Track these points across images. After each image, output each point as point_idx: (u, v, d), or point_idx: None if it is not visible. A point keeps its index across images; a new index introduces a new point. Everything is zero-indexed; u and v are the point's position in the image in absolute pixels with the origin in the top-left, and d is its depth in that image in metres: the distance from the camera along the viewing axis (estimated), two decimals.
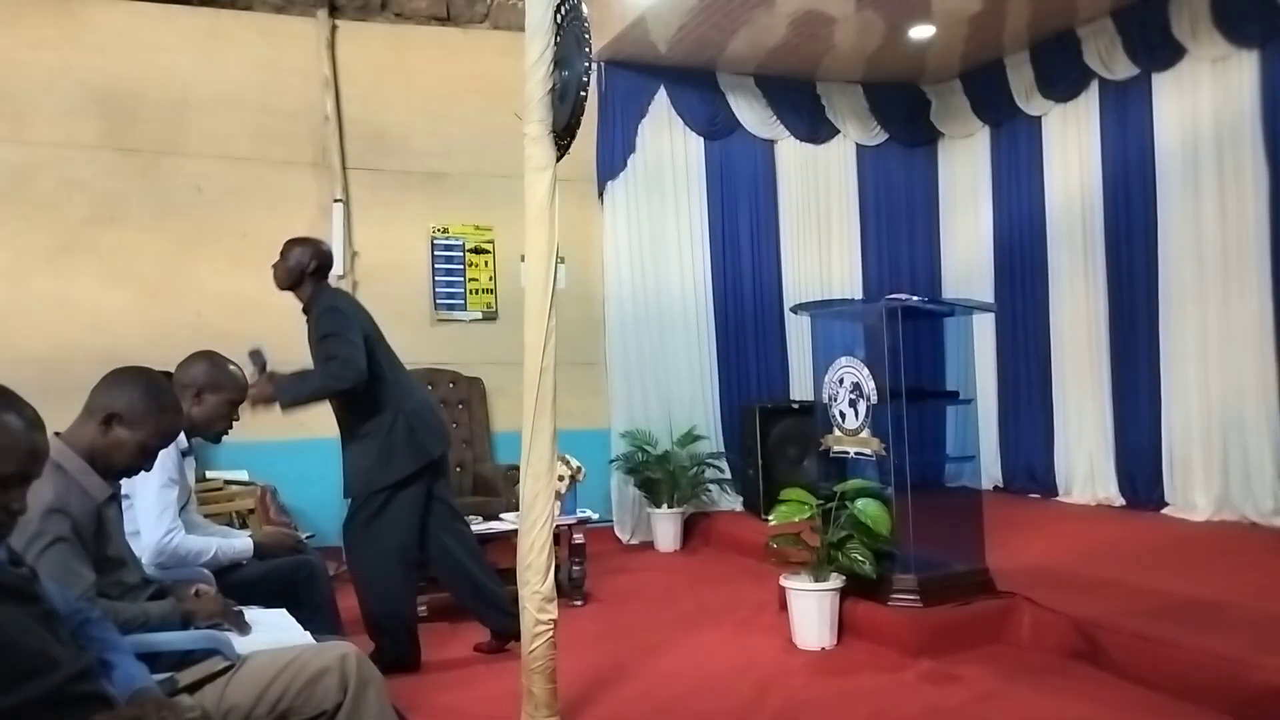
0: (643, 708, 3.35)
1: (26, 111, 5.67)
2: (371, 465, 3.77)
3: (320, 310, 3.78)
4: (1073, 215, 6.47)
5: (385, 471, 3.76)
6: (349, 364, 3.66)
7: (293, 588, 3.01)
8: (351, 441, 3.83)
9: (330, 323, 3.74)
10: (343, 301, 3.93)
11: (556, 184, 3.09)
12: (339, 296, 3.98)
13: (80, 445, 2.12)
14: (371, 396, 3.76)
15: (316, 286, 3.85)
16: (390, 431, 3.77)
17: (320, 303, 3.81)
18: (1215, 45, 5.49)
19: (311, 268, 3.82)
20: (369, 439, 3.77)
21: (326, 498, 5.71)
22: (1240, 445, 5.41)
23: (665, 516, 6.34)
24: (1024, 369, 6.91)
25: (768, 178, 7.16)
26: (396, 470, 3.76)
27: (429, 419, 3.92)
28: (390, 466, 3.76)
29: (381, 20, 6.44)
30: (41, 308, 5.62)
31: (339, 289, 3.95)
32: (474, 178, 6.48)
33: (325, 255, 3.90)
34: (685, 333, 6.79)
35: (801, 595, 3.96)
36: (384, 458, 3.76)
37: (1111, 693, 3.28)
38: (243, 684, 1.90)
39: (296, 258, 3.81)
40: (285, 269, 3.83)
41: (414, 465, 3.78)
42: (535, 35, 3.05)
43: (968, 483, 4.80)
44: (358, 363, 3.67)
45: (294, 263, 3.81)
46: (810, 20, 6.00)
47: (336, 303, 3.86)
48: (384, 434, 3.77)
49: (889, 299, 4.07)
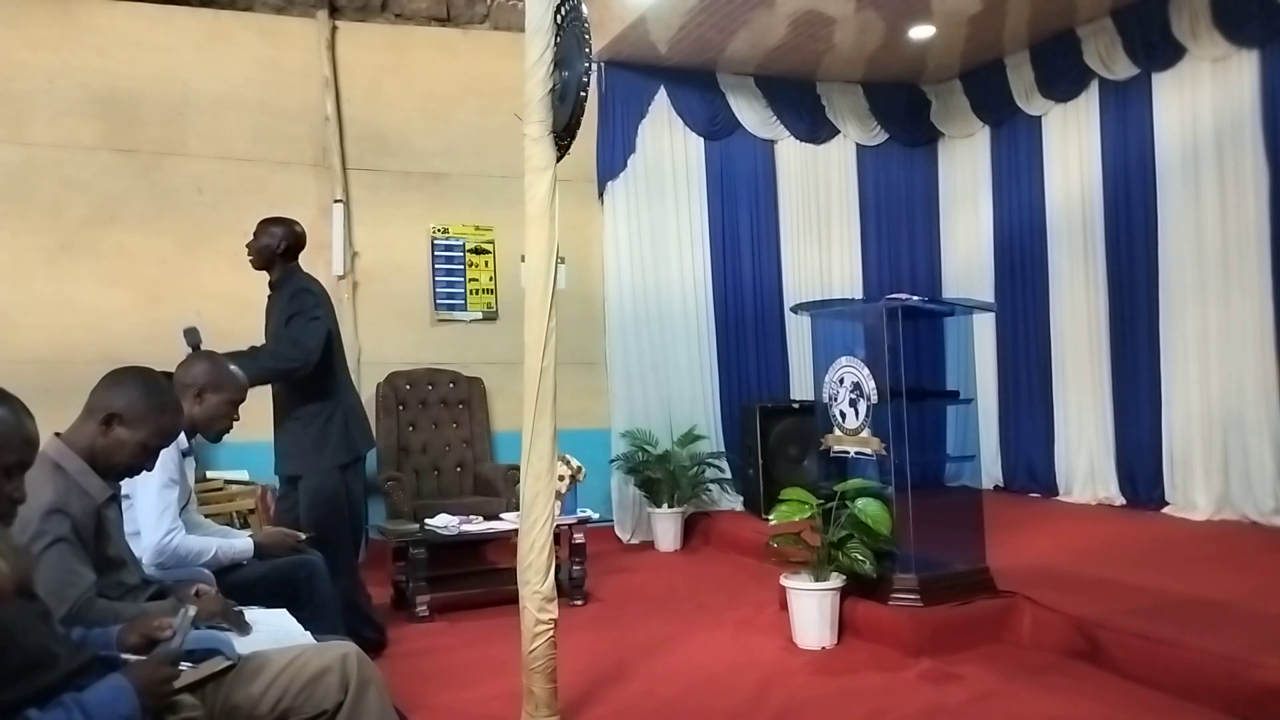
0: (643, 707, 3.35)
1: (27, 112, 5.67)
2: (306, 450, 3.89)
3: (294, 290, 3.89)
4: (1073, 215, 6.47)
5: (318, 458, 3.89)
6: (298, 345, 3.79)
7: (293, 588, 3.01)
8: (288, 422, 3.94)
9: (300, 303, 3.86)
10: (316, 287, 4.04)
11: (557, 184, 3.09)
12: (313, 281, 4.07)
13: (80, 445, 2.12)
14: (319, 384, 3.89)
15: (287, 267, 3.97)
16: (329, 421, 3.90)
17: (293, 283, 3.94)
18: (1215, 45, 5.49)
19: (282, 248, 3.94)
20: (307, 423, 3.90)
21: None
22: (1240, 444, 5.41)
23: (665, 516, 6.34)
24: (1024, 368, 6.91)
25: (768, 178, 7.16)
26: (329, 459, 3.89)
27: (362, 417, 4.11)
28: (323, 454, 3.89)
29: (381, 21, 6.45)
30: (41, 308, 5.62)
31: (311, 275, 4.06)
32: (474, 178, 6.48)
33: (298, 236, 4.02)
34: (685, 333, 6.79)
35: (802, 595, 3.96)
36: (318, 445, 3.89)
37: (1111, 692, 3.28)
38: (243, 684, 1.91)
39: (268, 238, 3.93)
40: (257, 248, 3.95)
41: (345, 457, 3.92)
42: (535, 36, 3.05)
43: (968, 482, 4.80)
44: (308, 344, 3.79)
45: (265, 243, 3.93)
46: (810, 20, 6.00)
47: (311, 286, 3.98)
48: (323, 421, 3.90)
49: (889, 299, 4.07)
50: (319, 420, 3.90)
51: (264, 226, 3.98)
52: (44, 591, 1.77)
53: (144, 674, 1.66)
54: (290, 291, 3.91)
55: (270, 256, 3.94)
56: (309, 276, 4.07)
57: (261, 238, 3.95)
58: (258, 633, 2.31)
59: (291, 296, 3.90)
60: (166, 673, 1.70)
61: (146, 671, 1.67)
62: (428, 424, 6.16)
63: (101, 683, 1.61)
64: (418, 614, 4.52)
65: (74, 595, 1.98)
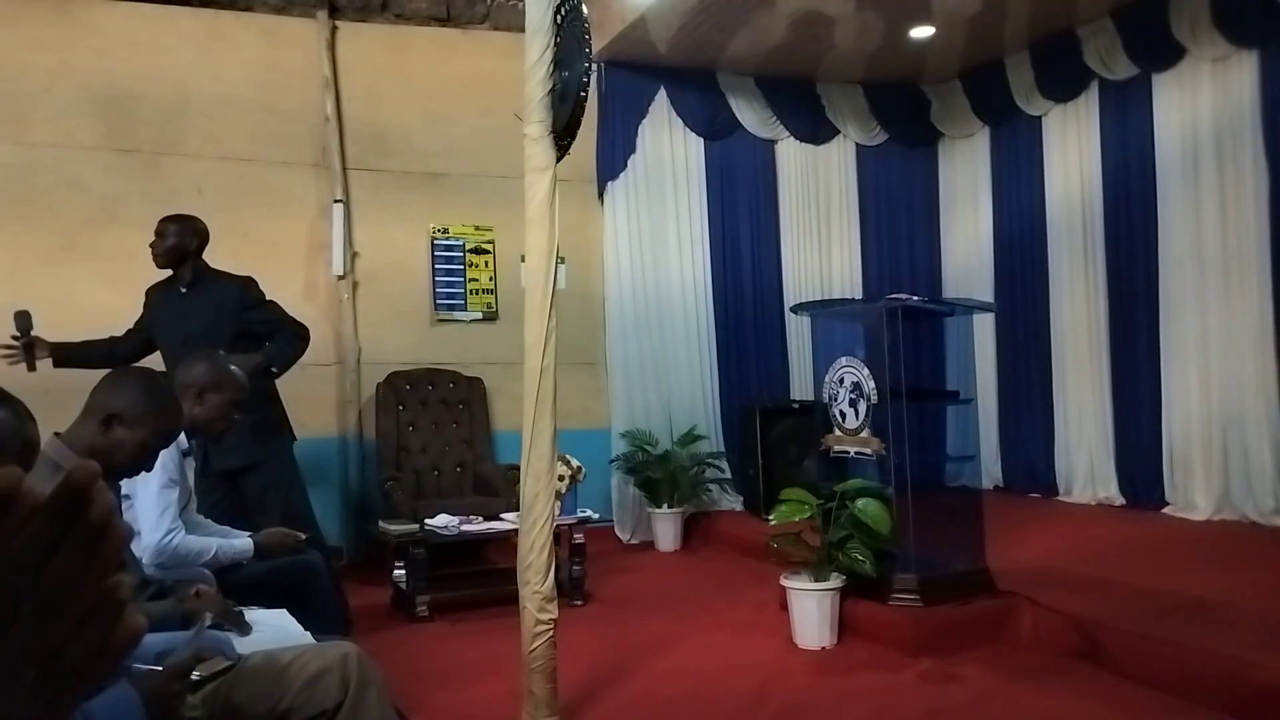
0: (643, 707, 3.35)
1: (27, 112, 5.67)
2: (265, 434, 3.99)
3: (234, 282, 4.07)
4: (1073, 215, 6.47)
5: (279, 439, 4.09)
6: (301, 327, 4.03)
7: (293, 588, 3.01)
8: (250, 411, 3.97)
9: (257, 292, 4.09)
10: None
11: (557, 184, 3.09)
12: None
13: (80, 446, 2.12)
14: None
15: (198, 263, 4.06)
16: (274, 402, 4.10)
17: (221, 277, 4.09)
18: (1215, 45, 5.49)
19: (195, 246, 4.04)
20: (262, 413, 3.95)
21: (326, 497, 5.72)
22: (1240, 444, 5.42)
23: (665, 516, 6.34)
24: (1024, 368, 6.91)
25: (768, 178, 7.16)
26: (287, 438, 4.14)
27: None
28: (282, 435, 4.12)
29: (381, 21, 6.44)
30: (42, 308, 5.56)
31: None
32: (474, 178, 6.48)
33: (206, 234, 4.13)
34: (685, 333, 6.79)
35: (802, 595, 3.96)
36: (276, 427, 4.09)
37: (1112, 692, 3.28)
38: (243, 684, 1.90)
39: (181, 237, 4.01)
40: (167, 248, 4.00)
41: (291, 440, 4.17)
42: (535, 36, 3.05)
43: (968, 482, 4.81)
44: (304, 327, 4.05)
45: (177, 242, 4.00)
46: (810, 20, 6.00)
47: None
48: (274, 404, 4.10)
49: (889, 299, 4.07)
50: (269, 404, 4.03)
51: (172, 225, 4.03)
52: None
53: (153, 687, 1.64)
54: (228, 284, 4.05)
55: (183, 255, 4.00)
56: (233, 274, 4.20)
57: (171, 238, 3.99)
58: (258, 633, 2.31)
59: (241, 290, 4.04)
60: (176, 687, 1.69)
61: (156, 684, 1.66)
62: (428, 424, 6.16)
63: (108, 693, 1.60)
64: (418, 614, 4.52)
65: None
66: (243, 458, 3.91)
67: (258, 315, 4.03)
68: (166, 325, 4.01)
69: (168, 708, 1.66)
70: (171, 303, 4.03)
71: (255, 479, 3.95)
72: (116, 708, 1.57)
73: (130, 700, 1.59)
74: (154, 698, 1.63)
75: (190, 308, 3.98)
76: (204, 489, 3.94)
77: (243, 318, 3.99)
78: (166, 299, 4.06)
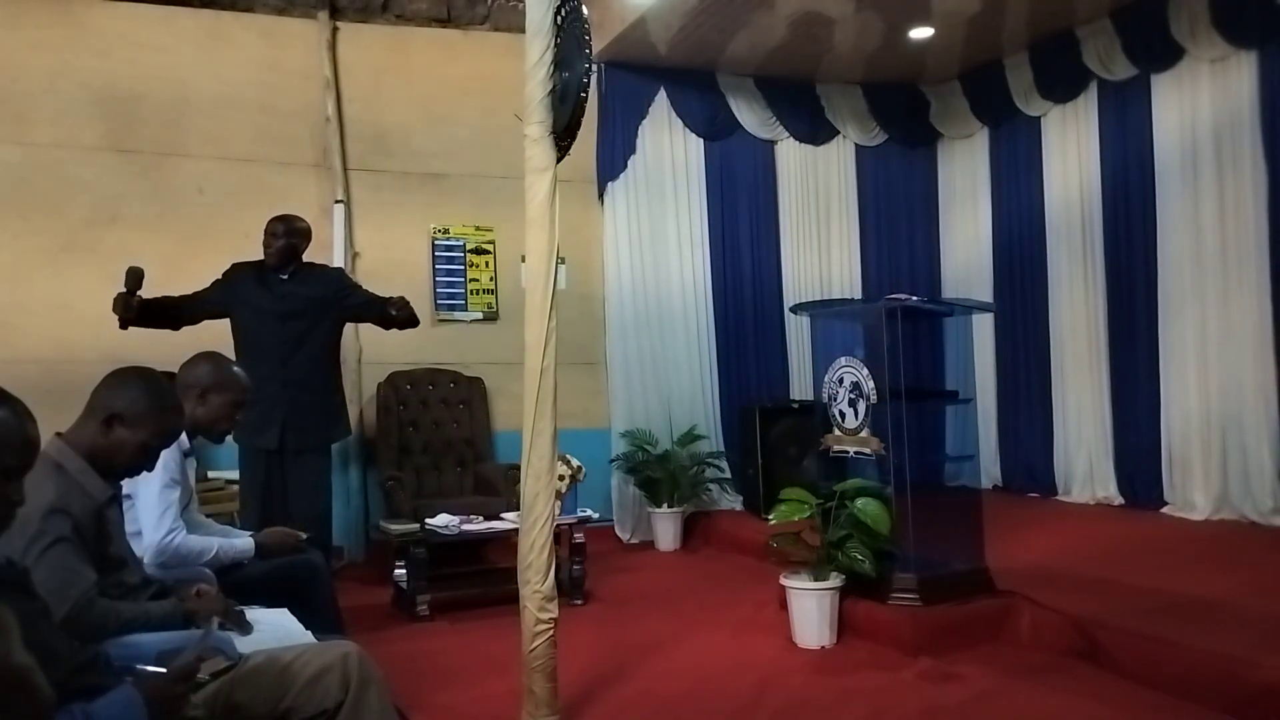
0: (643, 707, 3.36)
1: (27, 113, 5.68)
2: (331, 419, 4.32)
3: (335, 271, 4.59)
4: (1072, 215, 6.48)
5: (337, 429, 4.38)
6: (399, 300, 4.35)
7: (294, 587, 3.01)
8: (326, 394, 4.30)
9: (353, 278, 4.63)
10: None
11: (557, 185, 3.10)
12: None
13: (81, 445, 2.13)
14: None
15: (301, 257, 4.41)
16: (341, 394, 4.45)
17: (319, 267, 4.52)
18: (1214, 46, 5.49)
19: (304, 245, 4.41)
20: (338, 397, 4.38)
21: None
22: (1239, 444, 5.42)
23: (665, 516, 6.35)
24: (1023, 368, 6.91)
25: (768, 178, 7.17)
26: (341, 431, 4.44)
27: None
28: (339, 426, 4.41)
29: (382, 22, 6.45)
30: (43, 308, 5.63)
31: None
32: (474, 179, 6.48)
33: (310, 231, 4.48)
34: (685, 333, 6.80)
35: (801, 594, 3.97)
36: (338, 415, 4.39)
37: (1111, 692, 3.28)
38: (244, 683, 1.91)
39: (299, 238, 4.35)
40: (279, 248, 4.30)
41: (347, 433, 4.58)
42: (535, 37, 3.05)
43: (967, 482, 4.81)
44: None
45: (294, 242, 4.33)
46: (810, 21, 6.01)
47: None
48: (340, 396, 4.42)
49: (889, 299, 4.08)
50: (340, 394, 4.38)
51: (281, 225, 4.32)
52: (45, 591, 1.77)
53: (157, 689, 1.65)
54: (330, 272, 4.50)
55: (296, 252, 4.34)
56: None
57: (291, 237, 4.30)
58: (258, 632, 2.32)
59: (339, 275, 4.54)
60: (180, 690, 1.69)
61: (160, 687, 1.66)
62: (428, 424, 6.17)
63: (112, 694, 1.61)
64: (418, 613, 4.53)
65: (75, 595, 1.98)
66: (315, 440, 4.23)
67: (354, 298, 4.39)
68: (260, 305, 4.24)
69: (171, 709, 1.67)
70: (271, 286, 4.29)
71: (311, 462, 4.23)
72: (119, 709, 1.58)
73: (133, 701, 1.60)
74: (157, 699, 1.63)
75: (294, 291, 4.28)
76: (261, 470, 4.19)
77: (344, 301, 4.35)
78: (264, 282, 4.30)
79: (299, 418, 4.17)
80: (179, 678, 1.70)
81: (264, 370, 4.03)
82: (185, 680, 1.71)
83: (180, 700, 1.70)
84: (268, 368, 4.07)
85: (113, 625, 2.04)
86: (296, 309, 4.23)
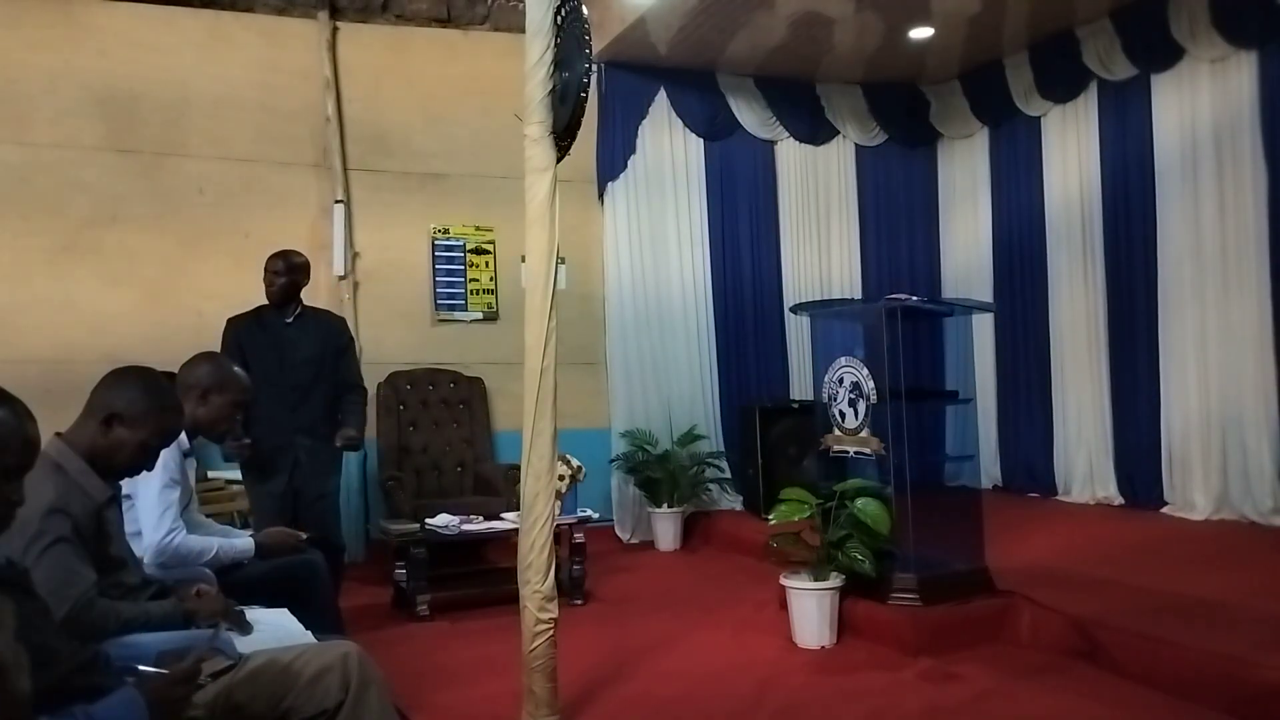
0: (643, 706, 3.36)
1: (28, 113, 5.68)
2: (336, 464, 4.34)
3: (336, 322, 4.45)
4: (1072, 215, 6.48)
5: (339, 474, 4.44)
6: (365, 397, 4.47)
7: (294, 587, 3.01)
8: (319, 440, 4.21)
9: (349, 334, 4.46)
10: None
11: (557, 185, 3.10)
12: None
13: (81, 445, 2.12)
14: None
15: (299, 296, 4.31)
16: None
17: (320, 313, 4.42)
18: (1214, 46, 5.49)
19: (305, 281, 4.29)
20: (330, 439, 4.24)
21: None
22: (1239, 444, 5.42)
23: (665, 516, 6.35)
24: (1023, 368, 6.91)
25: (768, 178, 7.17)
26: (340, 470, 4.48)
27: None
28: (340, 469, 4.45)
29: (382, 22, 6.45)
30: (43, 309, 5.63)
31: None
32: (474, 179, 6.48)
33: (309, 267, 4.36)
34: (685, 333, 6.80)
35: (801, 594, 3.97)
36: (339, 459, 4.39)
37: (1111, 691, 3.29)
38: (245, 683, 1.91)
39: (302, 274, 4.24)
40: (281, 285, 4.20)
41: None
42: (535, 37, 3.05)
43: (967, 482, 4.81)
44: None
45: (297, 279, 4.23)
46: (810, 21, 6.01)
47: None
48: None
49: (889, 299, 4.08)
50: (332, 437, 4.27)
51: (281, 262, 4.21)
52: (44, 591, 1.77)
53: (158, 690, 1.65)
54: (330, 322, 4.41)
55: (297, 290, 4.25)
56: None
57: (292, 274, 4.21)
58: (258, 632, 2.32)
59: (341, 329, 4.41)
60: (182, 691, 1.70)
61: (161, 688, 1.66)
62: (428, 424, 6.17)
63: (114, 695, 1.60)
64: (418, 613, 4.53)
65: (75, 595, 1.98)
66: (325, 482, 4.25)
67: (344, 361, 4.33)
68: (265, 351, 4.17)
69: (172, 710, 1.67)
70: (276, 332, 4.23)
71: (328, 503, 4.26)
72: (120, 710, 1.58)
73: (134, 702, 1.60)
74: (159, 700, 1.63)
75: (297, 336, 4.23)
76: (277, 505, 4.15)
77: (338, 359, 4.31)
78: (265, 328, 4.25)
79: (310, 463, 4.16)
80: (181, 679, 1.70)
81: (273, 417, 4.06)
82: (187, 681, 1.71)
83: (182, 701, 1.70)
84: (277, 415, 4.08)
85: (113, 625, 2.03)
86: (302, 356, 4.21)
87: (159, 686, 1.66)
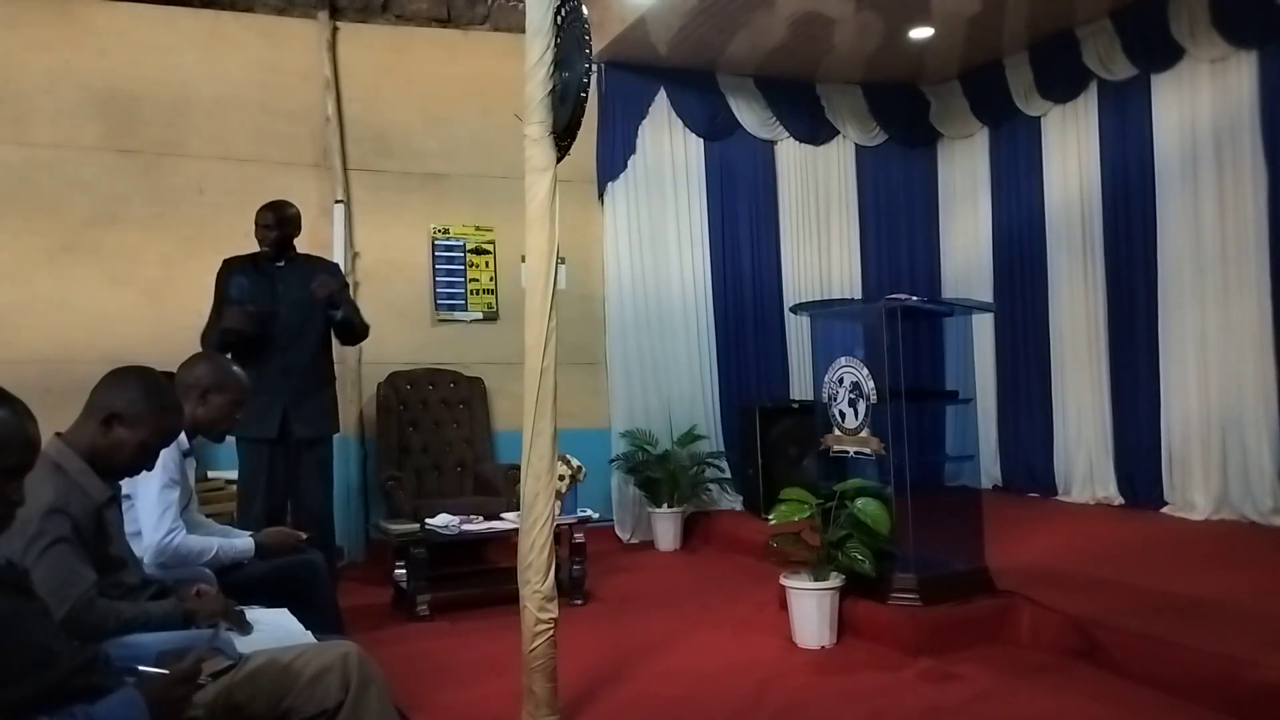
0: (643, 706, 3.36)
1: (28, 113, 5.68)
2: (330, 411, 4.42)
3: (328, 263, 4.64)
4: (1072, 215, 6.48)
5: (336, 420, 4.50)
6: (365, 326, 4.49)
7: (294, 587, 3.01)
8: (323, 384, 4.38)
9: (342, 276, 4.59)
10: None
11: (557, 185, 3.10)
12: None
13: (81, 445, 2.12)
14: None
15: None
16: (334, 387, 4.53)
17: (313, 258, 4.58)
18: (1214, 46, 5.49)
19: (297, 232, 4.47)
20: (332, 387, 4.46)
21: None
22: (1239, 444, 5.42)
23: (665, 516, 6.35)
24: (1023, 368, 6.91)
25: (768, 178, 7.17)
26: (337, 423, 4.54)
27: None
28: (336, 418, 4.52)
29: (382, 22, 6.45)
30: (43, 308, 5.63)
31: None
32: (475, 179, 6.48)
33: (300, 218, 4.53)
34: (685, 333, 6.80)
35: (801, 594, 3.97)
36: (335, 408, 4.49)
37: (1111, 691, 3.29)
38: (244, 683, 1.91)
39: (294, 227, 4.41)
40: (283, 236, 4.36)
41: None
42: (535, 37, 3.06)
43: (967, 482, 4.81)
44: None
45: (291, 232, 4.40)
46: (810, 21, 6.01)
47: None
48: (333, 387, 4.48)
49: (888, 299, 4.08)
50: (333, 385, 4.44)
51: (274, 215, 4.35)
52: (44, 591, 1.77)
53: (158, 691, 1.65)
54: (323, 264, 4.53)
55: (290, 239, 4.40)
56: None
57: (283, 227, 4.36)
58: (258, 632, 2.32)
59: (335, 269, 4.56)
60: (182, 691, 1.70)
61: (161, 688, 1.66)
62: (428, 424, 6.17)
63: (114, 696, 1.60)
64: (418, 613, 4.53)
65: (74, 595, 1.98)
66: (318, 429, 4.31)
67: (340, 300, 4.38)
68: (259, 295, 4.28)
69: (173, 711, 1.67)
70: (268, 275, 4.34)
71: (316, 455, 4.31)
72: (121, 710, 1.58)
73: (135, 703, 1.60)
74: (159, 701, 1.63)
75: (291, 280, 4.32)
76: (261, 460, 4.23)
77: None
78: (260, 271, 4.35)
79: (299, 406, 4.22)
80: (181, 679, 1.70)
81: (264, 359, 4.13)
82: (187, 682, 1.71)
83: (182, 701, 1.70)
84: (268, 356, 4.15)
85: (113, 625, 2.03)
86: (295, 299, 4.28)
87: (159, 687, 1.66)
